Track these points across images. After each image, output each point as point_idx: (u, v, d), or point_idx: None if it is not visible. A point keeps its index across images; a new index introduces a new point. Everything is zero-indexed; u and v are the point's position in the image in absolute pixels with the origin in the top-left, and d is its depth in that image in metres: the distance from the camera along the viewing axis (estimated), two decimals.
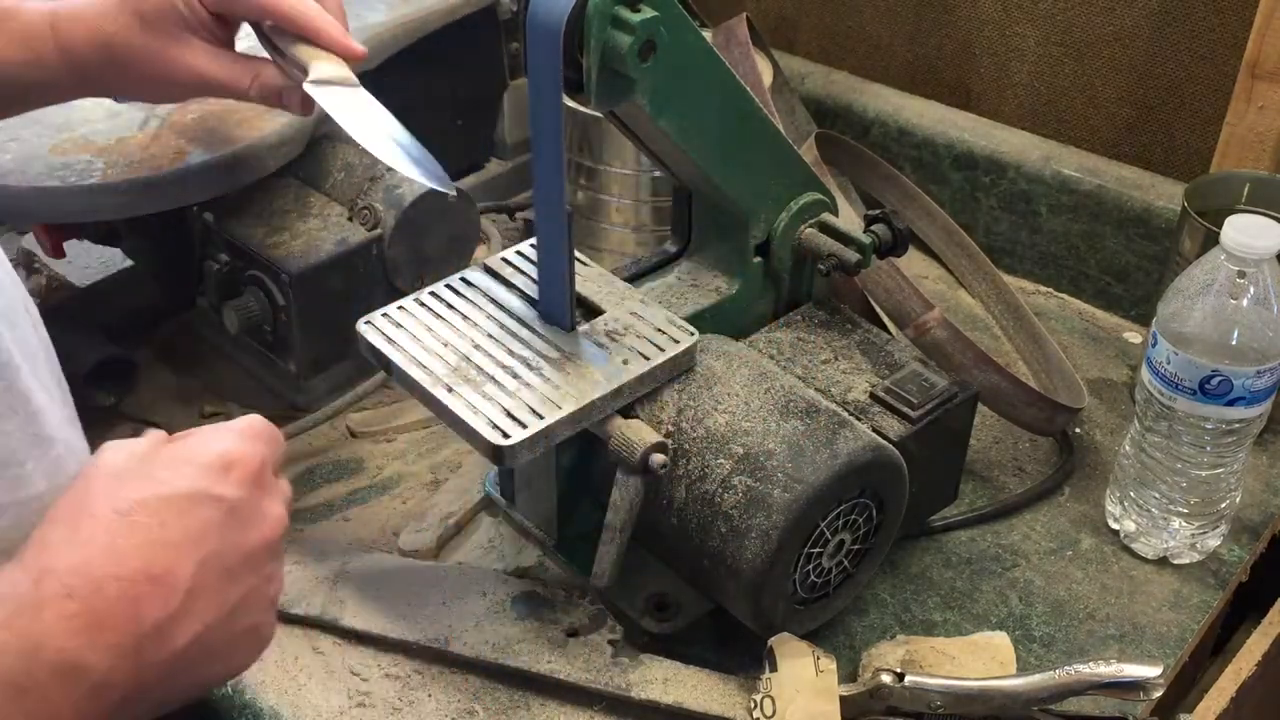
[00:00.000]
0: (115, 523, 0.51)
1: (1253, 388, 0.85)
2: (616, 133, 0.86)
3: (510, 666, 0.82)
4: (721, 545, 0.77)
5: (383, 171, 1.04)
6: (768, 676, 0.77)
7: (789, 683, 0.75)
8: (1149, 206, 1.17)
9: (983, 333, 1.19)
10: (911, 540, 0.95)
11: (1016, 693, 0.77)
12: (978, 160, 1.27)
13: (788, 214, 0.89)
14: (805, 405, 0.80)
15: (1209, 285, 0.85)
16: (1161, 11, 1.19)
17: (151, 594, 0.50)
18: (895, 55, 1.41)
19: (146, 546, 0.51)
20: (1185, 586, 0.92)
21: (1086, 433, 1.07)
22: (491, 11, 1.26)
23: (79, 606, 0.49)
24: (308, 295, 0.99)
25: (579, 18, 0.71)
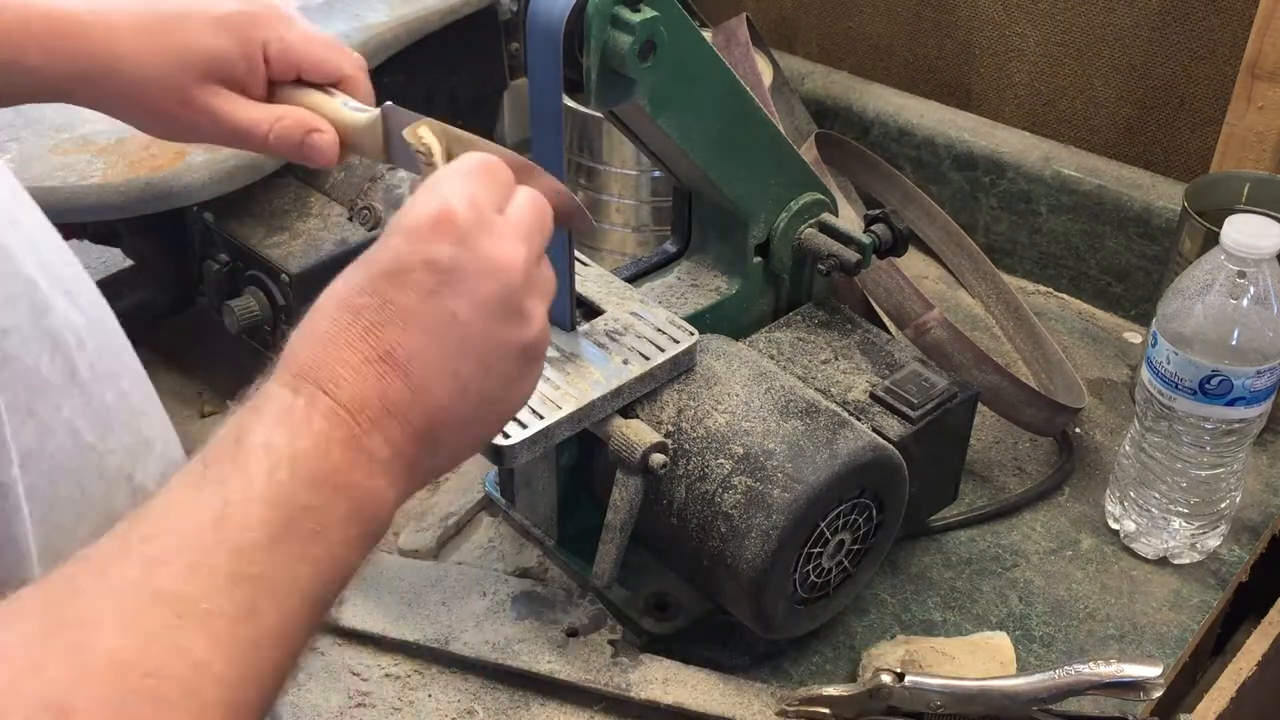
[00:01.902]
0: (340, 312, 0.52)
1: (1253, 388, 0.85)
2: (616, 133, 0.86)
3: (510, 666, 0.82)
4: (721, 545, 0.77)
5: (383, 171, 1.04)
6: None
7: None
8: (1149, 206, 1.17)
9: (983, 333, 1.19)
10: (911, 540, 0.95)
11: (1016, 693, 0.77)
12: (978, 160, 1.27)
13: (788, 214, 0.89)
14: (805, 405, 0.80)
15: (1209, 285, 0.85)
16: (1161, 11, 1.19)
17: (389, 371, 0.51)
18: (895, 55, 1.41)
19: (373, 327, 0.51)
20: (1185, 586, 0.92)
21: (1086, 433, 1.07)
22: (491, 11, 1.25)
23: (332, 401, 0.49)
24: (308, 295, 0.98)
25: (579, 18, 0.71)
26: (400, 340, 0.51)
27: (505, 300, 0.54)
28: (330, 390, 0.50)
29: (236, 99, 0.72)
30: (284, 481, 0.47)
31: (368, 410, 0.50)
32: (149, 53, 0.70)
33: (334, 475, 0.48)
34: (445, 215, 0.53)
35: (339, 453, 0.49)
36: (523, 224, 0.56)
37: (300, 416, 0.49)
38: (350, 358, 0.51)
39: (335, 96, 0.73)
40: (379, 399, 0.50)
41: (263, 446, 0.47)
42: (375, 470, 0.50)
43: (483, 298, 0.53)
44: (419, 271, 0.52)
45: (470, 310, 0.53)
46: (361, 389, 0.50)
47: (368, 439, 0.50)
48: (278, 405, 0.49)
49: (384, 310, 0.51)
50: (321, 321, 0.52)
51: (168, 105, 0.71)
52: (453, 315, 0.52)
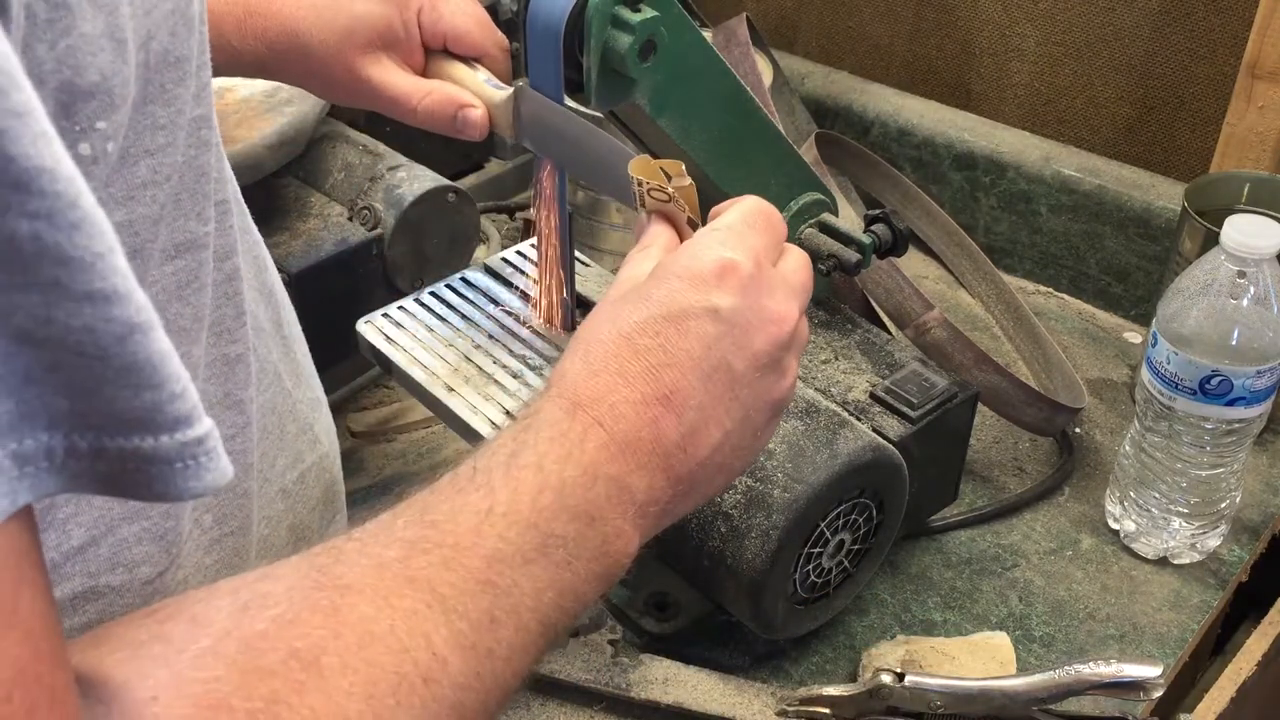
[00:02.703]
0: (622, 347, 0.53)
1: (1253, 388, 0.85)
2: (617, 133, 0.86)
3: None
4: (721, 545, 0.77)
5: (383, 171, 1.04)
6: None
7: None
8: (1149, 206, 1.17)
9: (983, 333, 1.19)
10: (911, 540, 0.95)
11: (1016, 693, 0.77)
12: (978, 160, 1.27)
13: (788, 214, 0.89)
14: (805, 405, 0.80)
15: (1209, 285, 0.85)
16: (1161, 11, 1.19)
17: (665, 414, 0.52)
18: (895, 55, 1.41)
19: (654, 369, 0.52)
20: (1185, 586, 0.92)
21: (1086, 433, 1.07)
22: (492, 11, 1.26)
23: (607, 435, 0.50)
24: (308, 295, 0.99)
25: (579, 18, 0.71)
26: (679, 384, 0.52)
27: (773, 354, 0.56)
28: (607, 425, 0.51)
29: (393, 69, 0.77)
30: (548, 506, 0.48)
31: (639, 451, 0.51)
32: (323, 25, 0.76)
33: (593, 509, 0.49)
34: (730, 265, 0.55)
35: (603, 488, 0.50)
36: (796, 281, 0.59)
37: (574, 444, 0.50)
38: (631, 395, 0.52)
39: (478, 71, 0.78)
40: (652, 440, 0.52)
41: (534, 467, 0.48)
42: (630, 511, 0.51)
43: (755, 351, 0.55)
44: (702, 319, 0.54)
45: (743, 362, 0.55)
46: (637, 428, 0.51)
47: (633, 479, 0.51)
48: (553, 429, 0.50)
49: (666, 352, 0.53)
50: (599, 351, 0.53)
51: (337, 73, 0.76)
52: (729, 365, 0.54)
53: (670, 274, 0.55)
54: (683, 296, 0.54)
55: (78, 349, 0.32)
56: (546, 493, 0.48)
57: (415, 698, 0.41)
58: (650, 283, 0.55)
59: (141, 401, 0.33)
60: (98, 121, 0.35)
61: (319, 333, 1.01)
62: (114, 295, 0.32)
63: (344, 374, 1.06)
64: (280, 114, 1.02)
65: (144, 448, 0.34)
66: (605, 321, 0.54)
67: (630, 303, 0.54)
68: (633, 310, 0.54)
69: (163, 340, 0.34)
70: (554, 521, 0.48)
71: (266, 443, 0.57)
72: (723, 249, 0.55)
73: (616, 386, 0.52)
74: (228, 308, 0.50)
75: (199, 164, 0.45)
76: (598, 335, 0.54)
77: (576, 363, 0.53)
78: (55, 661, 0.32)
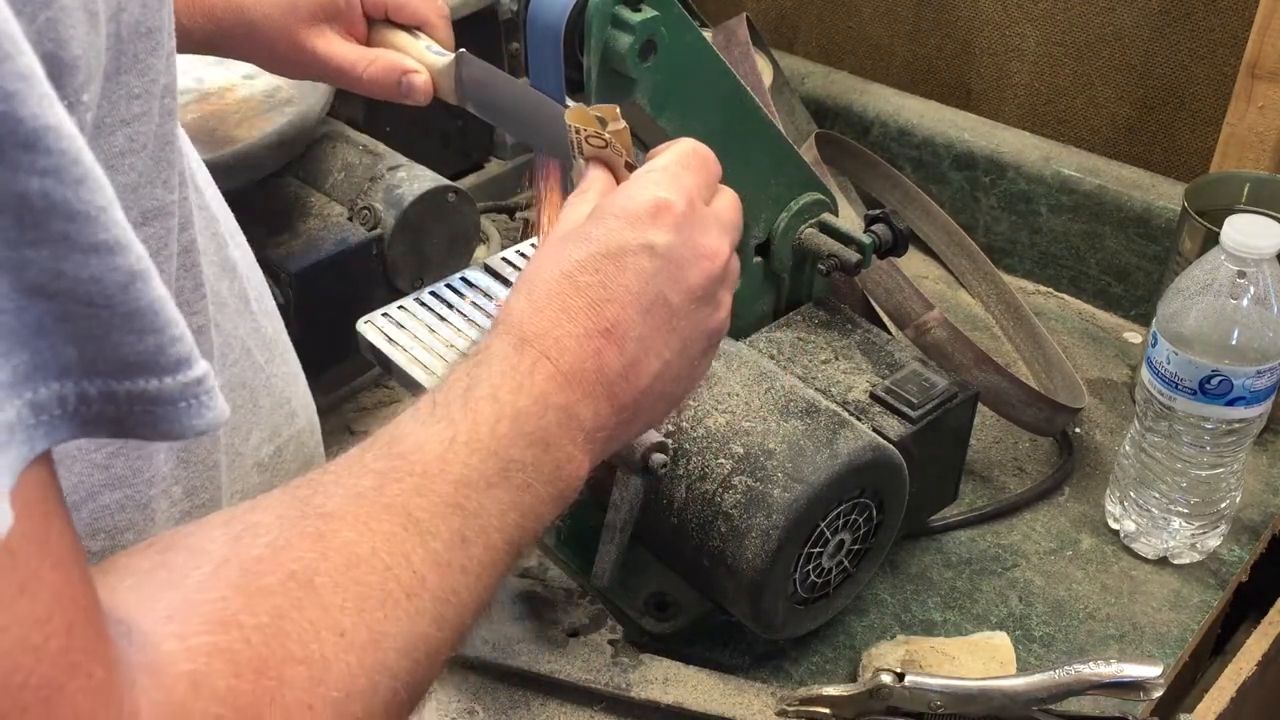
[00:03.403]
0: (563, 284, 0.55)
1: (1253, 388, 0.85)
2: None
3: (510, 666, 0.82)
4: (721, 545, 0.77)
5: (383, 171, 1.04)
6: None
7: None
8: (1149, 206, 1.17)
9: (983, 333, 1.19)
10: (911, 540, 0.95)
11: (1016, 693, 0.77)
12: (978, 160, 1.27)
13: (788, 214, 0.89)
14: (805, 405, 0.80)
15: (1209, 285, 0.85)
16: (1161, 11, 1.19)
17: (607, 346, 0.55)
18: (895, 55, 1.41)
19: (595, 304, 0.55)
20: (1185, 586, 0.92)
21: (1086, 433, 1.07)
22: (491, 11, 1.26)
23: (554, 367, 0.53)
24: (308, 295, 0.99)
25: (579, 18, 0.71)
26: (619, 318, 0.55)
27: (707, 288, 0.59)
28: (553, 357, 0.53)
29: (337, 40, 0.80)
30: (505, 434, 0.50)
31: (584, 381, 0.54)
32: (268, 1, 0.79)
33: (546, 436, 0.52)
34: (664, 204, 0.57)
35: (554, 416, 0.52)
36: (727, 219, 0.61)
37: (524, 376, 0.52)
38: (574, 329, 0.54)
39: (420, 39, 0.81)
40: (595, 371, 0.54)
41: (489, 399, 0.51)
42: (580, 438, 0.54)
43: (691, 285, 0.58)
44: (639, 255, 0.56)
45: (679, 295, 0.57)
46: (581, 360, 0.54)
47: (579, 407, 0.53)
48: (504, 363, 0.53)
49: (606, 288, 0.55)
50: (542, 289, 0.55)
51: (283, 47, 0.79)
52: (666, 299, 0.57)
53: (608, 214, 0.57)
54: (620, 234, 0.56)
55: (86, 299, 0.33)
56: (503, 422, 0.51)
57: (400, 611, 0.44)
58: (589, 223, 0.58)
59: (145, 345, 0.35)
60: (83, 94, 0.36)
61: (319, 333, 1.01)
62: (116, 246, 0.33)
63: (344, 374, 1.06)
64: (280, 114, 1.02)
65: (149, 390, 0.36)
66: (548, 261, 0.56)
67: (570, 242, 0.57)
68: (573, 249, 0.56)
69: (160, 286, 0.35)
70: (512, 448, 0.50)
71: (238, 416, 0.58)
72: (657, 189, 0.58)
73: (560, 321, 0.54)
74: (186, 279, 0.52)
75: (165, 132, 0.46)
76: (540, 274, 0.56)
77: (521, 300, 0.55)
78: (84, 585, 0.35)
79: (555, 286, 0.55)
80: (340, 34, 0.81)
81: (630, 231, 0.57)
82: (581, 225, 0.58)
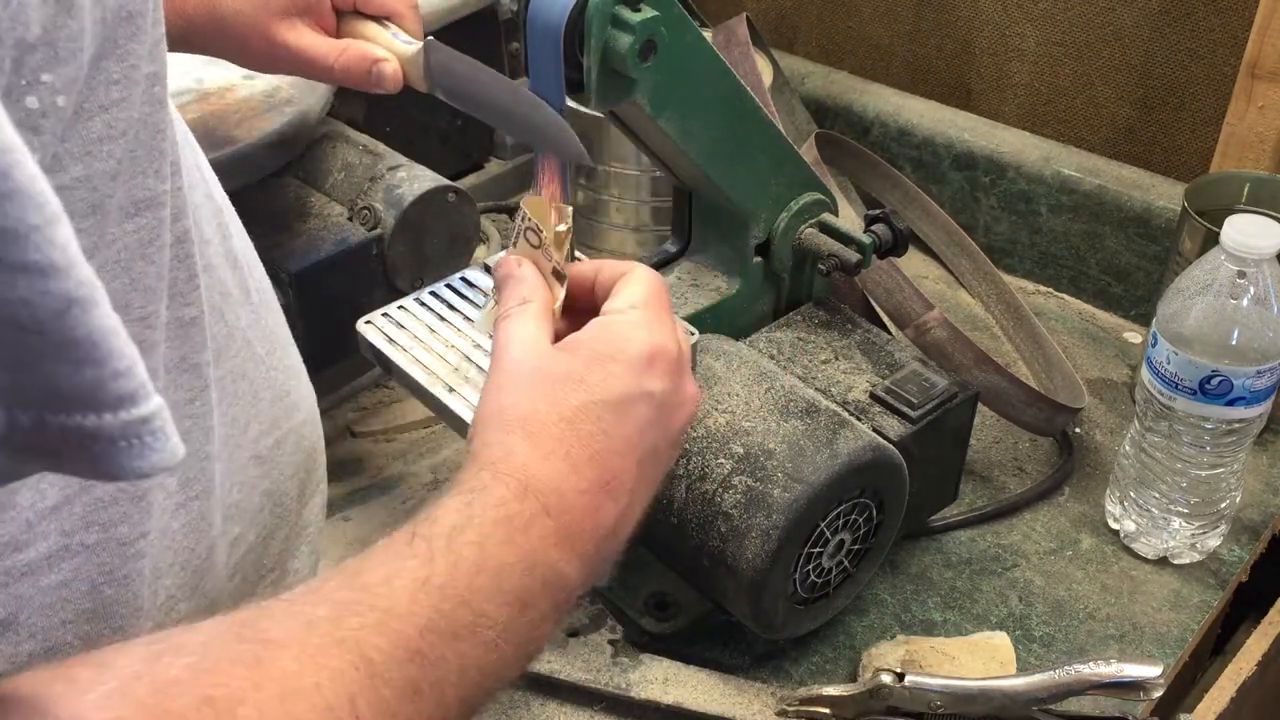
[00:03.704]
0: (566, 433, 0.54)
1: (1253, 388, 0.85)
2: (616, 133, 0.86)
3: None
4: (721, 545, 0.77)
5: (383, 171, 1.04)
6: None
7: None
8: (1149, 206, 1.17)
9: (983, 333, 1.19)
10: (911, 540, 0.95)
11: (1016, 693, 0.77)
12: (978, 160, 1.27)
13: (788, 214, 0.89)
14: (805, 405, 0.80)
15: (1209, 285, 0.85)
16: (1161, 11, 1.19)
17: (606, 501, 0.54)
18: (895, 55, 1.41)
19: (598, 456, 0.54)
20: (1185, 586, 0.92)
21: (1086, 433, 1.07)
22: (491, 11, 1.26)
23: (555, 523, 0.52)
24: (308, 295, 0.99)
25: (579, 18, 0.71)
26: (619, 470, 0.55)
27: (685, 431, 0.61)
28: (555, 513, 0.52)
29: (307, 33, 0.81)
30: (483, 588, 0.48)
31: (578, 539, 0.53)
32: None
33: (526, 596, 0.50)
34: (660, 351, 0.58)
35: (540, 575, 0.51)
36: (689, 359, 0.62)
37: (519, 528, 0.50)
38: (579, 483, 0.53)
39: (388, 29, 0.82)
40: (592, 529, 0.53)
41: (476, 545, 0.49)
42: (561, 599, 0.52)
43: (675, 431, 0.59)
44: (640, 404, 0.56)
45: (667, 441, 0.59)
46: (581, 518, 0.53)
47: (567, 566, 0.52)
48: (501, 510, 0.51)
49: (609, 438, 0.55)
50: (545, 434, 0.54)
51: (255, 42, 0.80)
52: (656, 447, 0.58)
53: (605, 357, 0.57)
54: (621, 382, 0.56)
55: (14, 321, 0.31)
56: (484, 574, 0.48)
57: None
58: (580, 363, 0.57)
59: (83, 378, 0.33)
60: (42, 74, 0.35)
61: (319, 333, 1.01)
62: (50, 268, 0.31)
63: (344, 374, 1.06)
64: (280, 114, 1.02)
65: (86, 425, 0.33)
66: (544, 402, 0.55)
67: (566, 385, 0.56)
68: (570, 394, 0.55)
69: (107, 317, 0.33)
70: (488, 603, 0.48)
71: (237, 408, 0.57)
72: (650, 333, 0.58)
73: (566, 474, 0.53)
74: (180, 270, 0.50)
75: (154, 121, 0.45)
76: (540, 418, 0.55)
77: (523, 443, 0.54)
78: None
79: (557, 433, 0.54)
80: (311, 26, 0.81)
81: (631, 379, 0.56)
82: (569, 364, 0.57)
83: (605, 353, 0.57)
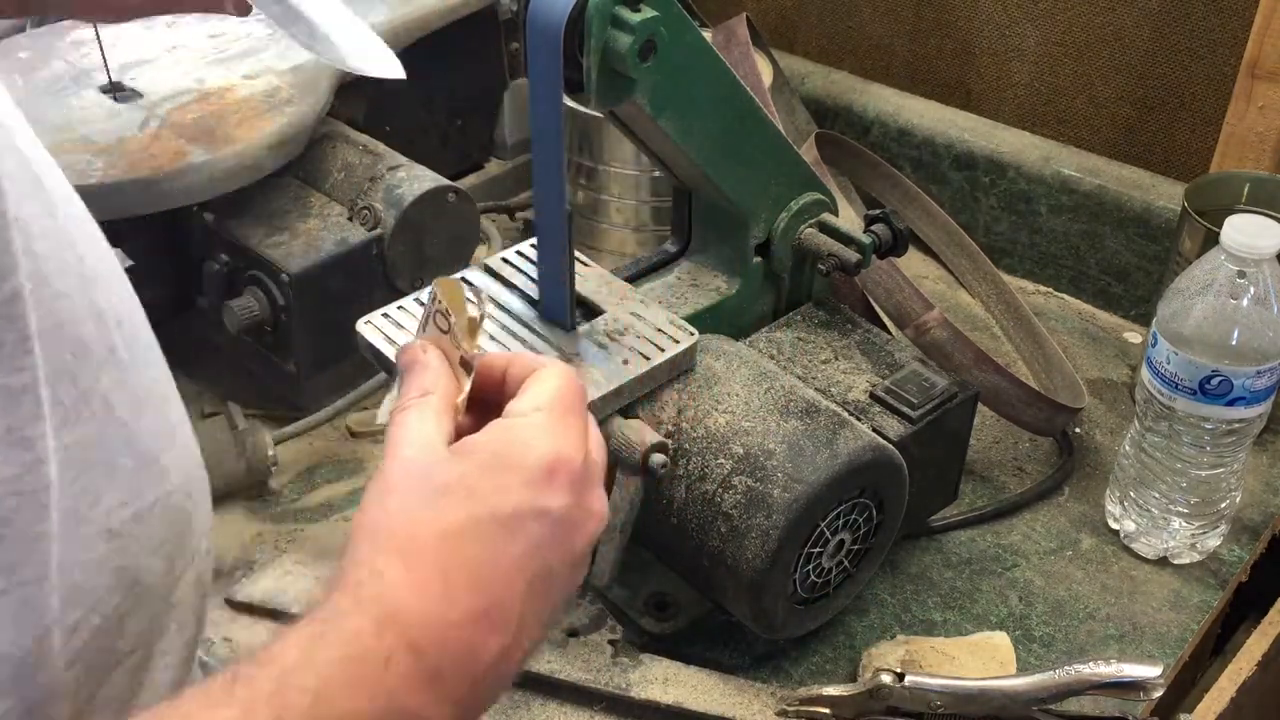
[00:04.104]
0: (443, 550, 0.48)
1: (1253, 388, 0.85)
2: (616, 133, 0.86)
3: None
4: (721, 545, 0.77)
5: (383, 171, 1.04)
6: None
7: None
8: (1149, 206, 1.17)
9: (983, 333, 1.19)
10: (911, 540, 0.95)
11: (1016, 693, 0.77)
12: (978, 160, 1.27)
13: (788, 214, 0.89)
14: (805, 405, 0.80)
15: (1209, 285, 0.85)
16: (1161, 11, 1.19)
17: (487, 633, 0.48)
18: (895, 55, 1.41)
19: (479, 581, 0.48)
20: (1185, 586, 0.92)
21: (1086, 433, 1.07)
22: (491, 11, 1.26)
23: (416, 663, 0.45)
24: (308, 295, 0.99)
25: (579, 18, 0.71)
26: (503, 597, 0.49)
27: (587, 551, 0.54)
28: (420, 650, 0.45)
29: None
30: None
31: (448, 679, 0.46)
32: None
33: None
34: (562, 462, 0.52)
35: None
36: (601, 468, 0.56)
37: (373, 668, 0.44)
38: (452, 614, 0.47)
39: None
40: (466, 664, 0.47)
41: (311, 693, 0.42)
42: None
43: (576, 551, 0.53)
44: (533, 521, 0.50)
45: (564, 562, 0.52)
46: (455, 654, 0.47)
47: (434, 712, 0.45)
48: (350, 646, 0.44)
49: (495, 562, 0.49)
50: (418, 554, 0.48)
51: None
52: (550, 568, 0.51)
53: (500, 466, 0.51)
54: (513, 495, 0.50)
55: None
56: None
57: None
58: (473, 471, 0.51)
59: None
60: None
61: (319, 333, 1.01)
62: None
63: (344, 374, 1.06)
64: (280, 114, 1.02)
65: None
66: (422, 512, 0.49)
67: (450, 495, 0.50)
68: (454, 505, 0.49)
69: None
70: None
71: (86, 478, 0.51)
72: (554, 441, 0.52)
73: (439, 602, 0.47)
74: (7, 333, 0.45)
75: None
76: (416, 535, 0.48)
77: (395, 564, 0.47)
78: None
79: (434, 553, 0.48)
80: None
81: (525, 493, 0.50)
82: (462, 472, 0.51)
83: (501, 461, 0.51)
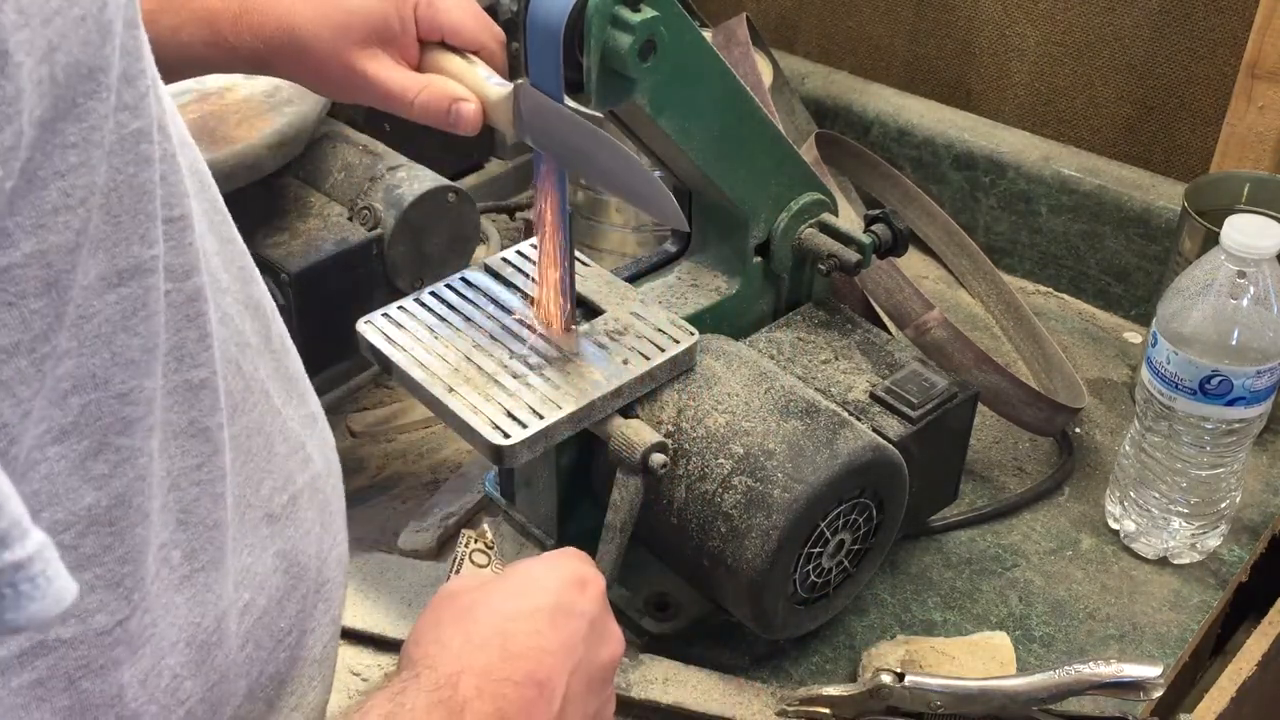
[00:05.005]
0: (502, 628, 0.56)
1: (1253, 388, 0.85)
2: (617, 133, 0.86)
3: None
4: (721, 545, 0.77)
5: (383, 171, 1.04)
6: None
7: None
8: (1149, 206, 1.17)
9: (983, 333, 1.19)
10: (911, 540, 0.95)
11: (1016, 693, 0.77)
12: (978, 160, 1.27)
13: (788, 214, 0.89)
14: (805, 405, 0.80)
15: (1209, 285, 0.85)
16: (1161, 11, 1.19)
17: (538, 698, 0.54)
18: (895, 55, 1.41)
19: (531, 653, 0.55)
20: (1185, 586, 0.92)
21: (1086, 433, 1.07)
22: (492, 11, 1.26)
23: (490, 708, 0.52)
24: (308, 295, 0.99)
25: (579, 18, 0.71)
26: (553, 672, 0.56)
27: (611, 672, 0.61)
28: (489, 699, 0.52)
29: (389, 64, 0.78)
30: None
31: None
32: (320, 20, 0.76)
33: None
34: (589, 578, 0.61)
35: None
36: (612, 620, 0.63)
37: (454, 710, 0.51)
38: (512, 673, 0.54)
39: (475, 65, 0.79)
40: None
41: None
42: None
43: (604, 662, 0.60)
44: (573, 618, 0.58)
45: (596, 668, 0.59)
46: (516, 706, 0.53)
47: None
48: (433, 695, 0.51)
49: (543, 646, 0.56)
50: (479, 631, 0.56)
51: (334, 69, 0.77)
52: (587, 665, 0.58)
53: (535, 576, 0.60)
54: (555, 596, 0.58)
55: None
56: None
57: None
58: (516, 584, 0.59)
59: None
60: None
61: (319, 333, 1.01)
62: None
63: (344, 374, 1.06)
64: (280, 114, 1.02)
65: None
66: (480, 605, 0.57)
67: (502, 595, 0.58)
68: (506, 601, 0.57)
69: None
70: None
71: (250, 467, 0.55)
72: (579, 566, 0.61)
73: (500, 663, 0.54)
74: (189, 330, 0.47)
75: (138, 182, 0.41)
76: (475, 616, 0.56)
77: (457, 636, 0.55)
78: None
79: (491, 626, 0.55)
80: (393, 57, 0.78)
81: (565, 593, 0.58)
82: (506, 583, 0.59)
83: (538, 570, 0.60)
